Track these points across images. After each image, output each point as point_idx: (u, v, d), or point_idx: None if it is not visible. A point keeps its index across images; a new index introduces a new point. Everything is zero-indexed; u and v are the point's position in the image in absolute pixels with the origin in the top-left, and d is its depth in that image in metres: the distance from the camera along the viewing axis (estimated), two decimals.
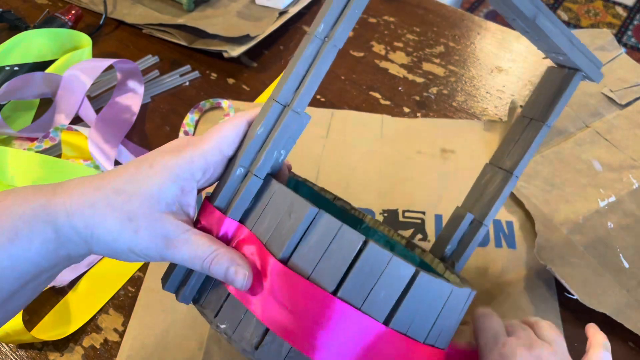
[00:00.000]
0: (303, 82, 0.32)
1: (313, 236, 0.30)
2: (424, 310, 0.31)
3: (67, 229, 0.30)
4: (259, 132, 0.32)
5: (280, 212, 0.31)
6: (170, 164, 0.31)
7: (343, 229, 0.30)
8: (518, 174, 0.40)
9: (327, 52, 0.32)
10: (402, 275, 0.30)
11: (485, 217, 0.40)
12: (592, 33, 0.74)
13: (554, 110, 0.39)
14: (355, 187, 0.59)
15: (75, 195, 0.30)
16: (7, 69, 0.64)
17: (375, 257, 0.30)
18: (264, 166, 0.32)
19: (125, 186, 0.31)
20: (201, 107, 0.67)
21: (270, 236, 0.31)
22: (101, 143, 0.58)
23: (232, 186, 0.33)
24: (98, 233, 0.30)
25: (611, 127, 0.62)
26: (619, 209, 0.55)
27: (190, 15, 0.78)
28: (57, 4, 0.83)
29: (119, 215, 0.30)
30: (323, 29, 0.32)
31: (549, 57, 0.40)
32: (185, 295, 0.33)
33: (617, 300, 0.48)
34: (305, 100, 0.32)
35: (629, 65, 0.69)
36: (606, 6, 2.06)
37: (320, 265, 0.30)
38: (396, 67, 0.74)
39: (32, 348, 0.48)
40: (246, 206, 0.33)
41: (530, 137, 0.40)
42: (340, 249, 0.30)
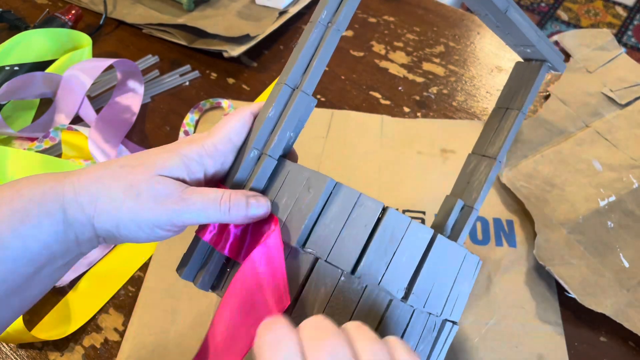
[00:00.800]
0: (310, 65, 0.33)
1: (334, 207, 0.31)
2: (443, 273, 0.33)
3: (74, 207, 0.30)
4: (271, 114, 0.33)
5: (298, 188, 0.32)
6: (180, 146, 0.32)
7: (362, 197, 0.31)
8: (501, 159, 0.42)
9: (331, 37, 0.33)
10: (421, 238, 0.32)
11: (475, 202, 0.41)
12: (592, 33, 0.74)
13: (526, 99, 0.42)
14: (355, 187, 0.58)
15: (84, 173, 0.31)
16: (7, 69, 0.64)
17: (395, 221, 0.31)
18: (277, 147, 0.33)
19: (131, 161, 0.31)
20: (201, 107, 0.67)
21: (289, 213, 0.32)
22: (101, 143, 0.58)
23: (246, 168, 0.33)
24: (101, 205, 0.30)
25: (611, 127, 0.62)
26: (619, 209, 0.55)
27: (190, 15, 0.78)
28: (57, 4, 0.83)
29: (122, 183, 0.30)
30: (326, 15, 0.33)
31: (516, 51, 0.43)
32: (205, 282, 0.33)
33: (617, 300, 0.48)
34: (313, 81, 0.33)
35: (629, 65, 0.69)
36: (606, 6, 2.06)
37: (342, 234, 0.31)
38: (396, 66, 0.74)
39: (32, 348, 0.48)
40: (262, 186, 0.33)
41: (508, 125, 0.42)
42: (361, 217, 0.31)
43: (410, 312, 0.32)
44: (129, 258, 0.53)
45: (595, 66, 0.69)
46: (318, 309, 0.30)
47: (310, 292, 0.30)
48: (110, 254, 0.53)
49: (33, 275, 0.30)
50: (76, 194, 0.30)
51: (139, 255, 0.53)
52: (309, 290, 0.30)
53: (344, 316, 0.30)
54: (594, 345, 0.47)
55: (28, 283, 0.31)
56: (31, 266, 0.30)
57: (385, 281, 0.31)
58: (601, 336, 0.48)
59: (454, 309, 0.35)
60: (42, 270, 0.31)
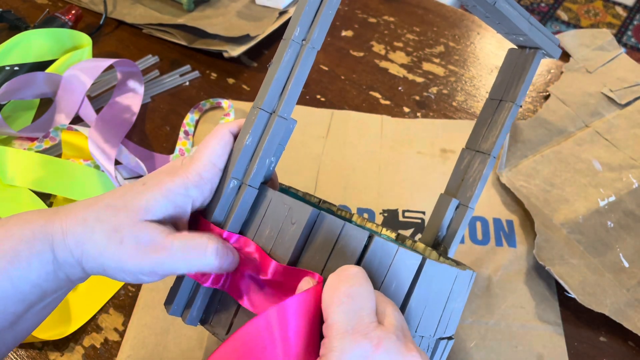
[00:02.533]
0: (286, 87, 0.32)
1: (318, 238, 0.30)
2: (434, 296, 0.32)
3: (62, 248, 0.30)
4: (248, 142, 0.32)
5: (281, 219, 0.31)
6: (164, 180, 0.31)
7: (346, 227, 0.30)
8: (495, 155, 0.41)
9: (307, 55, 0.32)
10: (410, 265, 0.30)
11: (470, 200, 0.41)
12: (592, 33, 0.74)
13: (521, 89, 0.40)
14: (355, 187, 0.59)
15: (71, 214, 0.30)
16: (7, 69, 0.64)
17: (382, 250, 0.30)
18: (257, 176, 0.32)
19: (115, 202, 0.30)
20: (201, 107, 0.67)
21: (273, 244, 0.31)
22: (101, 143, 0.58)
23: (227, 199, 0.32)
24: (87, 249, 0.30)
25: (611, 127, 0.62)
26: (619, 209, 0.55)
27: (190, 15, 0.78)
28: (57, 4, 0.83)
29: (106, 227, 0.29)
30: (299, 33, 0.32)
31: (509, 39, 0.42)
32: (193, 317, 0.33)
33: (616, 299, 0.48)
34: (290, 105, 0.32)
35: (628, 65, 0.69)
36: (606, 6, 2.06)
37: (328, 266, 0.30)
38: (396, 67, 0.74)
39: (32, 347, 0.48)
40: (244, 217, 0.32)
41: (502, 118, 0.41)
42: (346, 247, 0.30)
43: None
44: None
45: (595, 66, 0.69)
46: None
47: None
48: None
49: (24, 312, 0.31)
50: (64, 235, 0.30)
51: None
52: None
53: None
54: (593, 345, 0.47)
55: (20, 320, 0.31)
56: (22, 305, 0.30)
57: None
58: (601, 336, 0.48)
59: (447, 326, 0.34)
60: (33, 307, 0.31)
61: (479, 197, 0.41)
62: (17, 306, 0.30)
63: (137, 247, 0.29)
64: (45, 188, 0.55)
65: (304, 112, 0.66)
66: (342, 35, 0.79)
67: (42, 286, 0.30)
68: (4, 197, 0.54)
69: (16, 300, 0.30)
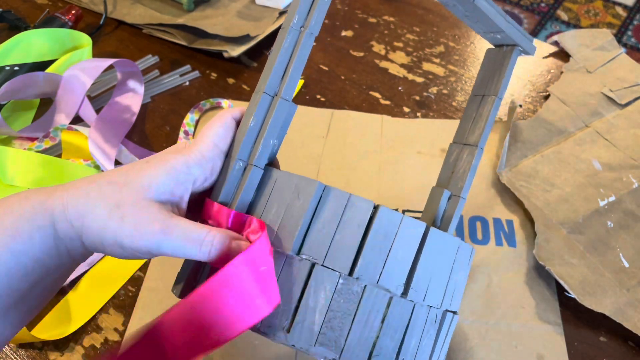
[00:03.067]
0: (287, 71, 0.33)
1: (325, 211, 0.31)
2: (439, 265, 0.33)
3: (63, 221, 0.30)
4: (252, 124, 0.33)
5: (287, 195, 0.32)
6: (167, 158, 0.32)
7: (352, 198, 0.31)
8: (482, 146, 0.42)
9: (305, 41, 0.33)
10: (415, 232, 0.32)
11: (461, 191, 0.42)
12: (592, 33, 0.74)
13: (501, 84, 0.42)
14: (355, 187, 0.59)
15: (72, 188, 0.31)
16: (7, 69, 0.64)
17: (387, 219, 0.31)
18: (262, 156, 0.33)
19: (118, 178, 0.31)
20: (201, 107, 0.67)
21: (281, 220, 0.31)
22: (101, 143, 0.58)
23: (233, 180, 0.33)
24: (88, 222, 0.30)
25: (611, 127, 0.62)
26: (618, 209, 0.55)
27: (190, 15, 0.78)
28: (57, 4, 0.83)
29: (108, 202, 0.30)
30: (298, 20, 0.33)
31: (486, 38, 0.44)
32: None
33: (616, 299, 0.48)
34: (292, 87, 0.33)
35: (628, 65, 0.69)
36: (606, 6, 2.06)
37: (336, 237, 0.31)
38: (396, 67, 0.74)
39: (32, 348, 0.48)
40: (250, 197, 0.33)
41: (486, 111, 0.43)
42: (353, 218, 0.31)
43: (411, 308, 0.32)
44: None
45: (595, 66, 0.69)
46: (319, 314, 0.30)
47: (310, 298, 0.30)
48: None
49: (29, 289, 0.30)
50: (64, 208, 0.30)
51: None
52: (309, 296, 0.30)
53: (346, 319, 0.30)
54: (593, 344, 0.47)
55: (25, 297, 0.31)
56: (26, 281, 0.30)
57: (383, 279, 0.31)
58: (601, 336, 0.48)
59: (452, 299, 0.35)
60: (38, 284, 0.31)
61: (470, 187, 0.42)
62: (22, 282, 0.30)
63: (137, 226, 0.29)
64: None
65: (304, 112, 0.66)
66: (342, 35, 0.79)
67: (45, 261, 0.30)
68: (4, 197, 0.54)
69: (20, 276, 0.30)
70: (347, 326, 0.30)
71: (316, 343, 0.30)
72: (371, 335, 0.31)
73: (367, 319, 0.30)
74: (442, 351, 0.35)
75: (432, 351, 0.34)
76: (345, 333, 0.30)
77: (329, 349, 0.30)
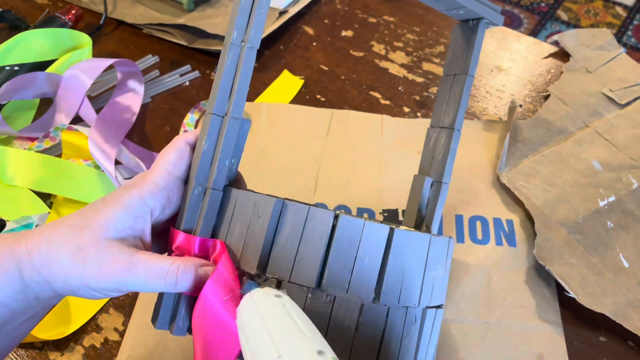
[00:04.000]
0: (233, 89, 0.33)
1: (286, 227, 0.31)
2: (410, 265, 0.32)
3: (28, 268, 0.30)
4: (205, 147, 0.33)
5: (248, 215, 0.31)
6: (121, 194, 0.32)
7: (312, 210, 0.31)
8: (459, 127, 0.42)
9: (247, 55, 0.33)
10: (379, 236, 0.31)
11: (443, 176, 0.41)
12: (592, 33, 0.74)
13: (471, 60, 0.41)
14: (355, 187, 0.59)
15: (36, 235, 0.31)
16: (7, 69, 0.64)
17: (349, 227, 0.31)
18: (219, 178, 0.33)
19: (77, 221, 0.31)
20: (201, 107, 0.67)
21: (244, 240, 0.31)
22: (101, 143, 0.58)
23: (194, 206, 0.33)
24: (53, 269, 0.30)
25: (611, 127, 0.62)
26: (618, 209, 0.55)
27: (190, 15, 0.78)
28: (57, 4, 0.83)
29: (69, 247, 0.30)
30: (237, 35, 0.33)
31: (451, 15, 0.43)
32: (180, 327, 0.33)
33: (616, 299, 0.48)
34: (240, 105, 0.33)
35: (628, 65, 0.69)
36: (606, 6, 2.06)
37: (300, 251, 0.30)
38: (396, 66, 0.74)
39: (32, 347, 0.48)
40: (213, 221, 0.33)
41: (459, 90, 0.42)
42: (314, 230, 0.30)
43: (385, 312, 0.32)
44: None
45: (595, 66, 0.69)
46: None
47: None
48: None
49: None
50: (30, 255, 0.30)
51: None
52: None
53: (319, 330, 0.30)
54: (593, 344, 0.47)
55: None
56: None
57: (352, 288, 0.30)
58: (601, 336, 0.48)
59: (432, 295, 0.34)
60: (3, 327, 0.31)
61: (452, 171, 0.42)
62: None
63: (100, 267, 0.29)
64: (45, 188, 0.55)
65: (304, 112, 0.66)
66: (342, 35, 0.79)
67: (10, 305, 0.30)
68: (4, 197, 0.54)
69: None
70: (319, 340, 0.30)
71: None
72: (347, 344, 0.30)
73: (340, 328, 0.30)
74: (430, 347, 0.35)
75: (417, 349, 0.34)
76: None
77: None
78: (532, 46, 0.76)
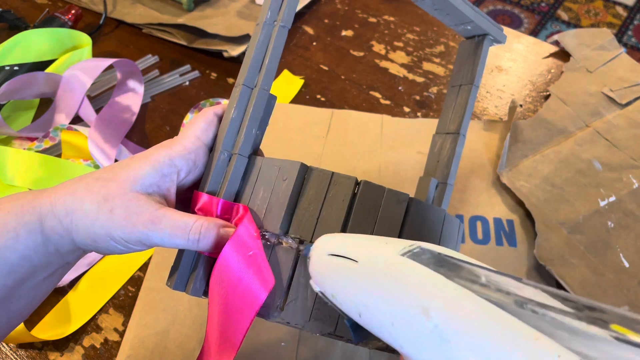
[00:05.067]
0: (264, 63, 0.35)
1: (310, 190, 0.32)
2: (425, 235, 0.34)
3: (50, 218, 0.30)
4: (234, 115, 0.34)
5: (272, 179, 0.33)
6: (150, 153, 0.33)
7: (335, 175, 0.32)
8: (464, 133, 0.44)
9: (279, 33, 0.35)
10: (399, 203, 0.33)
11: (448, 177, 0.43)
12: (592, 33, 0.74)
13: (476, 72, 0.44)
14: None
15: (60, 187, 0.31)
16: (7, 69, 0.64)
17: (371, 192, 0.32)
18: (246, 145, 0.34)
19: (105, 174, 0.32)
20: (201, 106, 0.67)
21: (268, 204, 0.32)
22: (101, 143, 0.58)
23: (219, 171, 0.34)
24: (77, 218, 0.30)
25: (611, 127, 0.62)
26: (619, 209, 0.55)
27: (190, 15, 0.77)
28: (57, 4, 0.83)
29: (96, 197, 0.30)
30: (271, 15, 0.36)
31: (458, 30, 0.46)
32: (197, 288, 0.33)
33: (617, 300, 0.48)
34: (270, 78, 0.35)
35: (629, 65, 0.69)
36: (606, 6, 2.06)
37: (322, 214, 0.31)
38: (396, 66, 0.74)
39: (32, 348, 0.48)
40: (237, 186, 0.34)
41: (464, 99, 0.44)
42: (337, 195, 0.32)
43: None
44: (129, 258, 0.53)
45: (596, 66, 0.69)
46: (311, 290, 0.30)
47: (301, 275, 0.31)
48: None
49: (15, 287, 0.31)
50: (52, 206, 0.31)
51: (139, 255, 0.53)
52: (300, 273, 0.31)
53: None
54: None
55: (11, 295, 0.31)
56: (11, 278, 0.30)
57: None
58: None
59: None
60: (24, 283, 0.31)
61: (456, 174, 0.43)
62: (7, 279, 0.30)
63: (126, 217, 0.30)
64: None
65: (304, 112, 0.66)
66: (342, 35, 0.79)
67: (31, 258, 0.31)
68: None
69: (6, 272, 0.30)
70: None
71: (310, 318, 0.30)
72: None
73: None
74: None
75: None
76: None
77: (324, 323, 0.30)
78: (533, 46, 0.76)
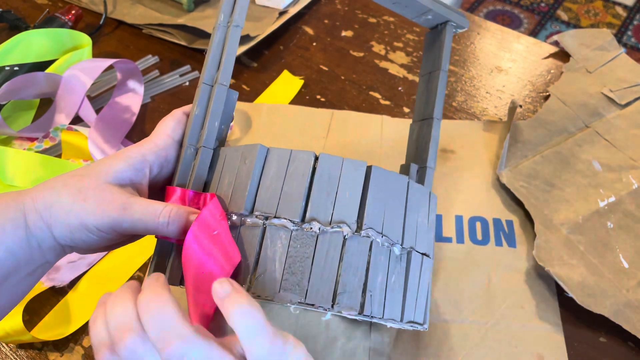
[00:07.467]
0: (221, 61, 0.38)
1: (271, 169, 0.33)
2: (390, 201, 0.35)
3: (32, 212, 0.32)
4: (197, 112, 0.37)
5: (235, 164, 0.34)
6: (123, 151, 0.35)
7: (294, 152, 0.34)
8: (438, 117, 0.45)
9: (233, 33, 0.38)
10: (358, 171, 0.34)
11: (427, 161, 0.43)
12: (592, 33, 0.74)
13: (442, 58, 0.46)
14: None
15: (41, 184, 0.34)
16: (7, 69, 0.64)
17: (329, 164, 0.34)
18: (209, 138, 0.36)
19: (81, 171, 0.34)
20: None
21: (233, 187, 0.34)
22: (101, 143, 0.58)
23: (187, 164, 0.36)
24: (55, 211, 0.32)
25: (611, 127, 0.62)
26: (618, 209, 0.55)
27: (190, 15, 0.78)
28: (57, 4, 0.83)
29: (72, 190, 0.32)
30: (224, 18, 0.38)
31: (419, 22, 0.47)
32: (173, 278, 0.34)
33: (616, 300, 0.48)
34: (227, 74, 0.37)
35: (628, 65, 0.69)
36: (606, 6, 2.06)
37: (284, 189, 0.33)
38: (396, 67, 0.74)
39: (32, 348, 0.48)
40: (204, 176, 0.36)
41: (435, 85, 0.46)
42: (297, 170, 0.33)
43: (368, 244, 0.33)
44: (129, 258, 0.53)
45: (595, 66, 0.69)
46: (279, 262, 0.31)
47: (268, 249, 0.32)
48: (110, 254, 0.53)
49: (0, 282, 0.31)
50: (34, 202, 0.33)
51: (139, 255, 0.53)
52: (267, 247, 0.32)
53: (306, 262, 0.32)
54: (593, 345, 0.47)
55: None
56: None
57: (335, 219, 0.32)
58: (601, 337, 0.48)
59: (417, 239, 0.36)
60: (8, 279, 0.32)
61: (436, 156, 0.44)
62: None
63: (99, 204, 0.32)
64: None
65: (304, 112, 0.66)
66: (342, 35, 0.79)
67: (16, 253, 0.32)
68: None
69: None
70: (307, 269, 0.31)
71: (280, 289, 0.31)
72: (332, 274, 0.32)
73: (325, 258, 0.32)
74: (420, 295, 0.36)
75: (405, 290, 0.35)
76: (307, 275, 0.31)
77: (293, 293, 0.31)
78: (532, 46, 0.76)
